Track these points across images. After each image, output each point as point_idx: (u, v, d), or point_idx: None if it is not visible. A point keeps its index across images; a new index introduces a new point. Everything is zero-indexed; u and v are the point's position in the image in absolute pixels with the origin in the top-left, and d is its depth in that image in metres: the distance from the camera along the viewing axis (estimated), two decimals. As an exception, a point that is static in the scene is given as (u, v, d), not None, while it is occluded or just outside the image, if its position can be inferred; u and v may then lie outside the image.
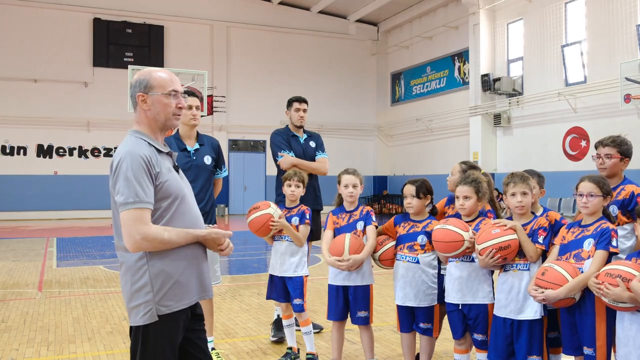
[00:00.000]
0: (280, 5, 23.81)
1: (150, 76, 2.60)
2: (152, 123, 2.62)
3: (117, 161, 2.48)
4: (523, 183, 3.60)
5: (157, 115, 2.60)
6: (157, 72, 2.63)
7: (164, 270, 2.48)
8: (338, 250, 4.08)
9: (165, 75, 2.63)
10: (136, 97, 2.59)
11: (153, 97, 2.58)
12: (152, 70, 2.64)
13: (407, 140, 23.98)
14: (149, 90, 2.58)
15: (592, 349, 3.27)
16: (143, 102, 2.59)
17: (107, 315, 6.32)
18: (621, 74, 13.62)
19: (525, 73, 18.07)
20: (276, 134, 5.69)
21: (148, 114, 2.60)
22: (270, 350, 5.05)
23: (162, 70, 2.65)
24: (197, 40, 22.74)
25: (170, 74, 2.65)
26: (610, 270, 3.06)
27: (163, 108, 2.60)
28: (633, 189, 3.74)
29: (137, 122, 2.63)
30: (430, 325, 4.03)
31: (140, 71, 2.67)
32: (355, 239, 4.12)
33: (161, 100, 2.59)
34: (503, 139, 18.99)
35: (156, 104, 2.59)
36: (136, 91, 2.59)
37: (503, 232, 3.50)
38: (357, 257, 4.05)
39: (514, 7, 18.35)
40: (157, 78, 2.60)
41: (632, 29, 14.66)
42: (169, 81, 2.61)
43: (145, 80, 2.59)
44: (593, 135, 15.73)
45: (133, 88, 2.60)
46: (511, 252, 3.50)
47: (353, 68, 25.15)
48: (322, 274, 8.50)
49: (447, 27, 21.40)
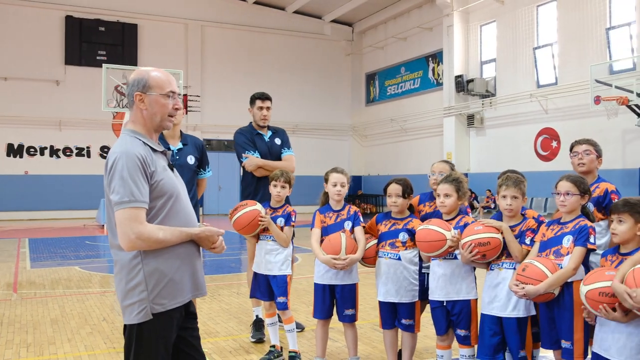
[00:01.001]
0: (255, 5, 23.77)
1: (148, 76, 2.61)
2: (148, 122, 2.63)
3: (113, 160, 2.49)
4: (515, 187, 3.67)
5: (153, 115, 2.62)
6: (155, 72, 2.64)
7: (158, 269, 2.50)
8: (335, 249, 4.13)
9: (163, 75, 2.64)
10: (134, 96, 2.59)
11: (151, 97, 2.59)
12: (150, 70, 2.65)
13: (382, 140, 24.15)
14: (147, 89, 2.59)
15: (570, 342, 3.38)
16: (140, 102, 2.60)
17: (85, 316, 6.27)
18: (591, 76, 13.93)
19: (498, 74, 18.37)
20: (239, 133, 5.57)
21: (144, 113, 2.61)
22: (253, 349, 5.07)
23: (159, 71, 2.66)
24: (172, 39, 22.58)
25: (168, 75, 2.66)
26: (603, 289, 3.04)
27: (160, 108, 2.61)
28: (607, 186, 3.88)
29: (132, 121, 2.64)
30: (412, 321, 4.11)
31: (137, 70, 2.67)
32: (350, 239, 4.18)
33: (159, 100, 2.61)
34: (476, 139, 19.26)
35: (153, 104, 2.60)
36: (134, 90, 2.60)
37: (485, 229, 3.60)
38: (354, 257, 4.12)
39: (487, 10, 18.63)
40: (155, 78, 2.61)
41: (602, 32, 15.02)
42: (167, 82, 2.63)
43: (144, 80, 2.60)
44: (564, 136, 16.07)
45: (131, 87, 2.60)
46: (491, 249, 3.59)
47: (328, 68, 25.25)
48: (300, 274, 8.54)
49: (421, 29, 21.62)
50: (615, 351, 3.05)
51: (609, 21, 15.02)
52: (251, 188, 5.46)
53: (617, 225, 3.16)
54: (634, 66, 14.14)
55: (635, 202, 3.15)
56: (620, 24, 14.76)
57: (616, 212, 3.17)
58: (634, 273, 2.88)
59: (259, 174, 5.38)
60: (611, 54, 14.90)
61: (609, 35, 14.96)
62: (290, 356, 4.60)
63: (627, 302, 2.85)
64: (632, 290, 2.83)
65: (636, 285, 2.82)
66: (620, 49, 14.75)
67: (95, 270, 9.61)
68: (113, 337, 5.47)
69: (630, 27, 14.44)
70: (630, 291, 2.83)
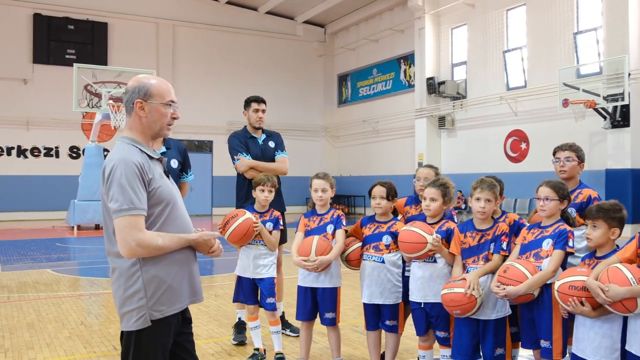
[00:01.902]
0: (227, 5, 23.68)
1: (150, 84, 2.62)
2: (146, 130, 2.64)
3: (111, 168, 2.49)
4: (489, 191, 3.76)
5: (152, 124, 2.63)
6: (156, 80, 2.66)
7: (157, 276, 2.51)
8: (305, 251, 4.18)
9: (164, 84, 2.66)
10: (134, 103, 2.60)
11: (151, 105, 2.61)
12: (150, 78, 2.66)
13: (354, 141, 24.30)
14: (148, 98, 2.60)
15: (549, 342, 3.49)
16: (141, 109, 2.60)
17: (62, 320, 6.20)
18: (559, 79, 14.26)
19: (469, 77, 18.65)
20: (233, 136, 5.60)
21: (143, 121, 2.62)
22: (235, 352, 5.09)
23: (159, 79, 2.67)
24: (142, 38, 22.35)
25: (168, 84, 2.68)
26: (574, 283, 3.19)
27: (160, 117, 2.63)
28: (590, 193, 3.98)
29: (129, 128, 2.64)
30: (396, 322, 4.19)
31: (136, 77, 2.67)
32: (322, 241, 4.21)
33: (159, 109, 2.62)
34: (447, 140, 19.52)
35: (153, 113, 2.62)
36: (134, 97, 2.60)
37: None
38: (324, 258, 4.14)
39: (458, 13, 18.89)
40: (156, 87, 2.62)
41: (570, 37, 15.38)
42: (167, 91, 2.65)
43: (145, 88, 2.60)
44: (533, 137, 16.42)
45: (131, 94, 2.60)
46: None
47: (300, 69, 25.29)
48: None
49: (393, 31, 21.81)
50: (591, 351, 3.18)
51: (576, 26, 15.38)
52: (243, 191, 5.48)
53: (591, 230, 3.29)
54: (600, 70, 14.51)
55: (609, 207, 3.27)
56: (587, 29, 15.14)
57: (590, 218, 3.29)
58: (608, 272, 3.03)
59: (250, 175, 5.38)
60: (578, 58, 15.28)
61: (576, 39, 15.33)
62: (278, 357, 4.64)
63: (600, 297, 2.99)
64: (605, 285, 2.97)
65: (609, 282, 2.97)
66: (587, 53, 15.13)
67: (68, 273, 9.49)
68: (92, 341, 5.43)
69: (597, 32, 14.82)
70: (603, 286, 2.97)
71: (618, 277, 2.96)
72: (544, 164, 15.80)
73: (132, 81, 2.65)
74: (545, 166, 15.71)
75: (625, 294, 2.91)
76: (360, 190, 21.77)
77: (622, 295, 2.91)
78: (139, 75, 2.70)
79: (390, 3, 21.55)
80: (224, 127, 22.61)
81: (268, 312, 4.70)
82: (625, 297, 2.91)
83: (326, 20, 25.02)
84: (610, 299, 2.94)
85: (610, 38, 14.10)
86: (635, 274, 2.94)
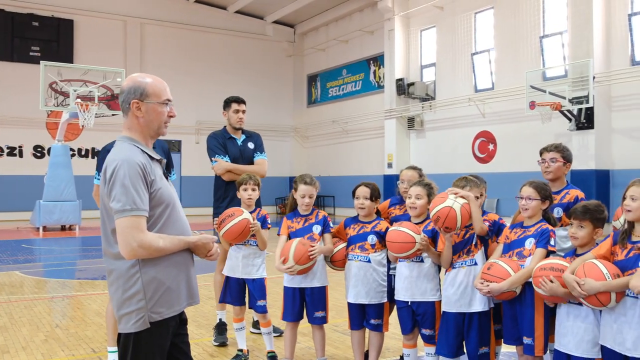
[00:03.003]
0: (196, 4, 23.48)
1: (146, 83, 2.61)
2: (145, 130, 2.63)
3: (113, 168, 2.47)
4: (476, 188, 3.91)
5: (150, 123, 2.62)
6: (151, 79, 2.64)
7: (157, 277, 2.50)
8: (284, 254, 4.17)
9: (160, 83, 2.66)
10: (130, 103, 2.58)
11: (148, 105, 2.60)
12: (145, 76, 2.65)
13: (323, 141, 24.35)
14: (145, 98, 2.59)
15: (531, 338, 3.59)
16: (137, 109, 2.59)
17: (37, 323, 6.08)
18: (526, 82, 14.54)
19: (438, 78, 18.88)
20: (211, 137, 5.59)
21: (141, 121, 2.61)
22: (217, 353, 5.08)
23: (155, 78, 2.66)
24: (110, 36, 21.98)
25: (163, 82, 2.67)
26: (544, 265, 3.39)
27: (157, 116, 2.63)
28: (577, 194, 4.10)
29: (127, 128, 2.63)
30: (381, 321, 4.24)
31: (131, 77, 2.66)
32: (302, 247, 4.15)
33: (156, 108, 2.62)
34: (416, 141, 19.73)
35: (151, 112, 2.61)
36: (131, 98, 2.58)
37: (432, 205, 3.74)
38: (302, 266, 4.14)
39: (427, 15, 19.11)
40: (152, 86, 2.62)
41: (536, 40, 15.72)
42: (163, 90, 2.65)
43: (142, 88, 2.59)
44: (500, 139, 16.72)
45: (127, 94, 2.59)
46: (446, 221, 3.66)
47: (270, 69, 25.23)
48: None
49: (362, 32, 21.94)
50: (573, 345, 3.29)
51: (542, 30, 15.72)
52: (221, 192, 5.48)
53: (577, 230, 3.38)
54: (565, 73, 14.86)
55: (595, 209, 3.38)
56: (553, 33, 15.48)
57: (577, 218, 3.38)
58: (584, 267, 3.16)
59: (227, 178, 5.39)
60: (545, 61, 15.61)
61: (542, 43, 15.67)
62: (270, 356, 4.66)
63: (576, 290, 3.11)
64: (581, 279, 3.09)
65: (585, 276, 3.09)
66: (553, 56, 15.47)
67: (37, 275, 9.30)
68: (70, 344, 5.35)
69: (562, 35, 15.18)
70: (579, 280, 3.10)
71: (594, 272, 3.09)
72: (511, 165, 16.16)
73: (128, 81, 2.64)
74: (512, 167, 16.07)
75: (600, 288, 3.04)
76: (330, 190, 21.83)
77: (597, 289, 3.04)
78: (134, 74, 2.69)
79: (360, 4, 21.67)
80: (192, 127, 22.41)
81: (259, 315, 4.69)
82: (600, 291, 3.04)
83: (296, 20, 25.02)
84: (586, 292, 3.07)
85: (575, 42, 14.45)
86: (610, 270, 3.08)
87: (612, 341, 3.09)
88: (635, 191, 3.12)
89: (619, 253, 3.15)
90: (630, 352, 3.00)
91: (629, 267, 3.07)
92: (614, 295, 3.05)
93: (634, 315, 3.01)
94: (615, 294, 3.05)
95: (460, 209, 3.66)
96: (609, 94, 14.12)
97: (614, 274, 3.05)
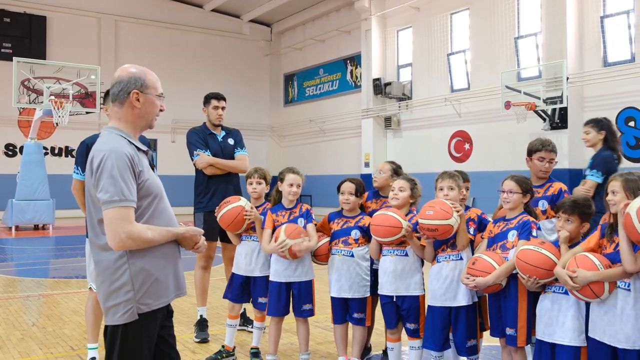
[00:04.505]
0: (172, 2, 23.30)
1: (145, 75, 2.61)
2: (138, 121, 2.62)
3: (100, 158, 2.44)
4: (450, 179, 3.95)
5: (146, 115, 2.62)
6: (148, 72, 2.65)
7: (145, 269, 2.49)
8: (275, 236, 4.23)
9: (155, 76, 2.67)
10: (130, 93, 2.56)
11: (147, 96, 2.60)
12: (141, 68, 2.65)
13: (300, 140, 24.34)
14: (145, 89, 2.59)
15: (514, 329, 3.63)
16: (137, 100, 2.58)
17: (12, 322, 5.97)
18: (502, 82, 14.72)
19: (414, 78, 19.01)
20: (192, 132, 5.56)
21: (136, 112, 2.60)
22: (199, 349, 5.05)
23: (149, 70, 2.67)
24: (84, 33, 21.66)
25: (156, 76, 2.68)
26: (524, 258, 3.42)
27: (152, 109, 2.64)
28: (560, 186, 4.20)
29: (118, 118, 2.60)
30: (363, 315, 4.26)
31: (127, 68, 2.63)
32: (290, 225, 4.24)
33: (153, 100, 2.63)
34: (393, 140, 19.83)
35: (148, 104, 2.61)
36: (131, 87, 2.57)
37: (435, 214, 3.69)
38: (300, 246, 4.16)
39: (403, 15, 19.23)
40: (151, 78, 2.63)
41: (511, 41, 15.92)
42: (158, 83, 2.67)
43: (142, 79, 2.59)
44: (476, 138, 16.89)
45: (127, 84, 2.57)
46: (439, 235, 3.71)
47: (246, 68, 25.13)
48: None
49: (339, 32, 21.98)
50: (560, 335, 3.33)
51: (517, 31, 15.93)
52: (202, 186, 5.45)
53: (565, 224, 3.43)
54: (540, 74, 15.07)
55: (583, 203, 3.45)
56: (527, 34, 15.69)
57: (565, 212, 3.43)
58: (576, 259, 3.18)
59: (210, 172, 5.37)
60: (519, 62, 15.82)
61: (517, 44, 15.88)
62: (253, 352, 4.65)
63: (568, 283, 3.14)
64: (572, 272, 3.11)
65: (578, 267, 3.12)
66: (527, 57, 15.69)
67: (10, 274, 9.14)
68: (47, 342, 5.26)
69: (537, 37, 15.40)
70: (571, 273, 3.12)
71: (586, 263, 3.12)
72: (487, 164, 16.33)
73: (123, 72, 2.61)
74: (488, 166, 16.25)
75: (593, 277, 3.06)
76: (307, 189, 21.81)
77: (589, 279, 3.06)
78: (126, 65, 2.67)
79: (337, 4, 21.71)
80: (168, 126, 22.21)
81: (256, 310, 4.66)
82: (593, 282, 3.06)
83: (272, 19, 24.97)
84: (578, 283, 3.09)
85: (549, 43, 14.67)
86: (602, 261, 3.11)
87: (602, 333, 3.11)
88: (615, 185, 3.18)
89: (607, 246, 3.19)
90: (622, 344, 3.02)
91: (617, 259, 3.10)
92: (607, 286, 3.06)
93: (625, 308, 3.04)
94: (609, 285, 3.07)
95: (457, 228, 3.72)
96: (582, 95, 14.37)
97: (605, 264, 3.08)
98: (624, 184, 3.15)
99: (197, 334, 5.29)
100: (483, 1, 16.67)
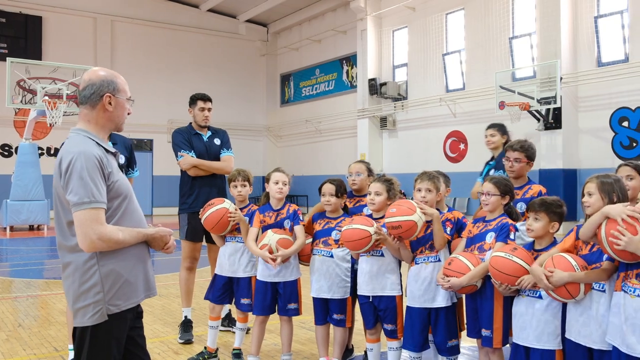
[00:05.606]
0: (167, 2, 23.29)
1: (116, 79, 2.64)
2: (107, 124, 2.65)
3: (69, 160, 2.45)
4: (429, 181, 3.94)
5: (116, 118, 2.65)
6: (118, 75, 2.68)
7: (115, 270, 2.49)
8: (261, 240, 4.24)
9: (124, 80, 2.70)
10: (103, 96, 2.59)
11: (118, 100, 2.63)
12: (111, 72, 2.68)
13: (296, 141, 24.34)
14: (116, 92, 2.63)
15: (490, 330, 3.63)
16: (109, 103, 2.61)
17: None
18: (496, 82, 14.72)
19: (410, 79, 19.01)
20: (177, 132, 5.52)
21: (107, 115, 2.63)
22: (182, 350, 5.04)
23: (118, 74, 2.69)
24: (79, 33, 21.66)
25: (124, 79, 2.71)
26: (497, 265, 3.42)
27: (122, 112, 2.67)
28: (540, 189, 4.21)
29: (87, 120, 2.62)
30: (344, 316, 4.26)
31: (95, 71, 2.64)
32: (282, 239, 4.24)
33: (123, 104, 2.67)
34: (389, 141, 19.84)
35: (119, 107, 2.64)
36: (104, 90, 2.59)
37: (399, 211, 3.72)
38: (285, 252, 4.19)
39: (399, 15, 19.23)
40: (121, 82, 2.67)
41: (506, 41, 15.94)
42: (127, 87, 2.70)
43: (114, 83, 2.62)
44: (471, 138, 16.89)
45: (99, 87, 2.59)
46: (404, 232, 3.73)
47: (243, 68, 25.13)
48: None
49: (335, 32, 21.98)
50: (534, 338, 3.33)
51: (512, 31, 15.94)
52: (186, 188, 5.44)
53: (533, 222, 3.45)
54: (534, 74, 15.08)
55: (551, 202, 3.46)
56: (522, 34, 15.71)
57: (533, 210, 3.46)
58: (553, 259, 3.18)
59: (193, 173, 5.36)
60: (514, 62, 15.83)
61: (512, 44, 15.89)
62: (235, 353, 4.64)
63: (542, 282, 3.14)
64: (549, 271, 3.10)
65: (554, 267, 3.11)
66: (522, 57, 15.70)
67: (1, 275, 9.14)
68: (32, 343, 5.26)
69: (531, 37, 15.40)
70: (547, 272, 3.11)
71: (562, 263, 3.11)
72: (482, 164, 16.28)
73: (94, 74, 2.62)
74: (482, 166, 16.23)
75: (569, 278, 3.05)
76: (303, 190, 21.83)
77: (565, 280, 3.05)
78: (96, 68, 2.68)
79: (333, 4, 21.71)
80: (164, 126, 22.22)
81: (239, 310, 4.66)
82: (569, 283, 3.06)
83: (269, 19, 24.97)
84: (554, 284, 3.08)
85: (543, 43, 14.68)
86: (579, 262, 3.11)
87: (577, 334, 3.12)
88: (590, 187, 3.19)
89: (583, 247, 3.20)
90: (596, 344, 3.03)
91: (593, 260, 3.11)
92: (583, 287, 3.07)
93: (598, 309, 3.05)
94: (584, 286, 3.07)
95: (422, 226, 3.73)
96: (576, 95, 14.38)
97: (582, 265, 3.09)
98: (599, 186, 3.16)
99: (181, 335, 5.28)
100: (478, 1, 16.68)
